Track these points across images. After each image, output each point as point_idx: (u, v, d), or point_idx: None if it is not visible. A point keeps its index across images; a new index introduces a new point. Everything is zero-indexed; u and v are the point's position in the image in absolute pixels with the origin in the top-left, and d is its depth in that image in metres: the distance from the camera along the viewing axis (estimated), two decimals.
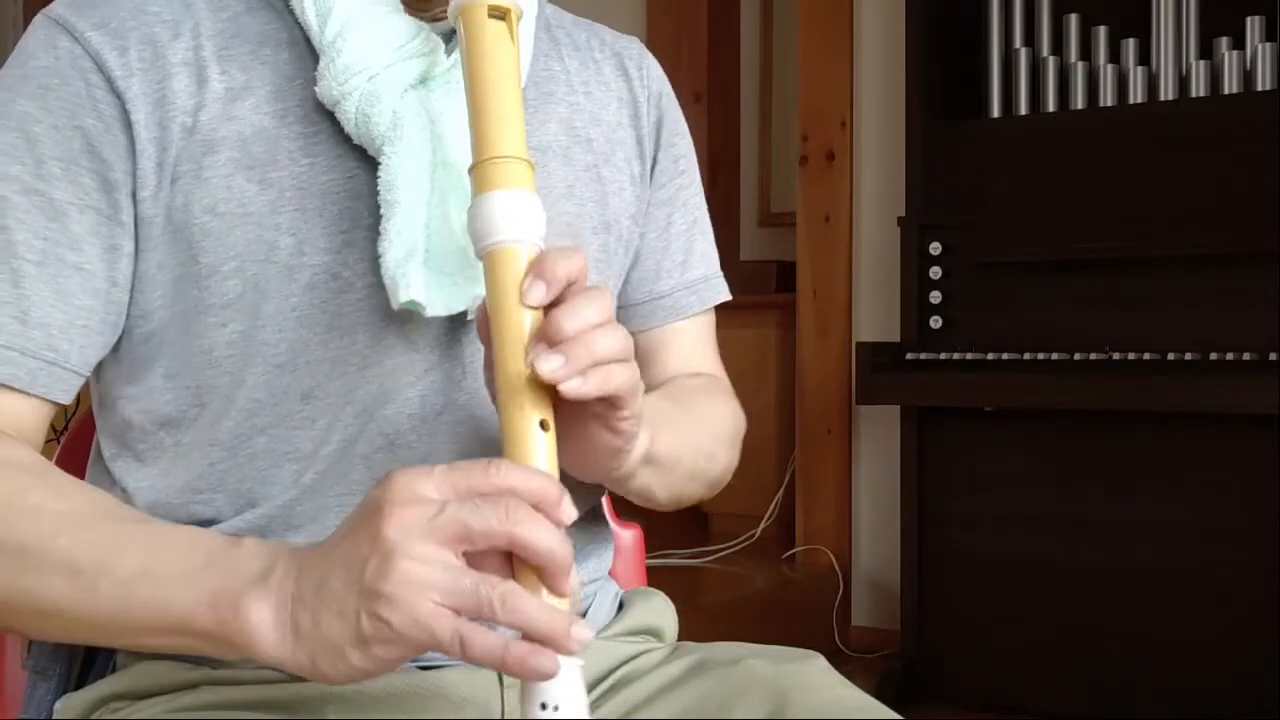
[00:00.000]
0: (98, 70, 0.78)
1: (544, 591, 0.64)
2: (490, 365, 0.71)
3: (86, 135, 0.78)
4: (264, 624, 0.64)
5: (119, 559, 0.69)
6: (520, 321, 0.69)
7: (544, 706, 0.64)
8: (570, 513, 0.65)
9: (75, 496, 0.75)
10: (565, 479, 0.88)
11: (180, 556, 0.69)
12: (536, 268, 0.69)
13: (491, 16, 0.73)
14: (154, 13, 0.80)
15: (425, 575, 0.61)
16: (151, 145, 0.78)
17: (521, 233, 0.70)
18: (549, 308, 0.69)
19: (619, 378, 0.70)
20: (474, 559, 0.63)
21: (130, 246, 0.79)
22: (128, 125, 0.78)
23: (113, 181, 0.78)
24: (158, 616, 0.68)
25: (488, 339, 0.71)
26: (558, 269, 0.69)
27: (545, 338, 0.68)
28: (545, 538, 0.63)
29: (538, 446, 0.68)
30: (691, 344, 1.01)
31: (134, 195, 0.78)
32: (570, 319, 0.68)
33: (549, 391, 0.68)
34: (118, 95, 0.78)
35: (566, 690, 0.64)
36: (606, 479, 0.84)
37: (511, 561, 0.64)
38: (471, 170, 0.72)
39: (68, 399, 0.80)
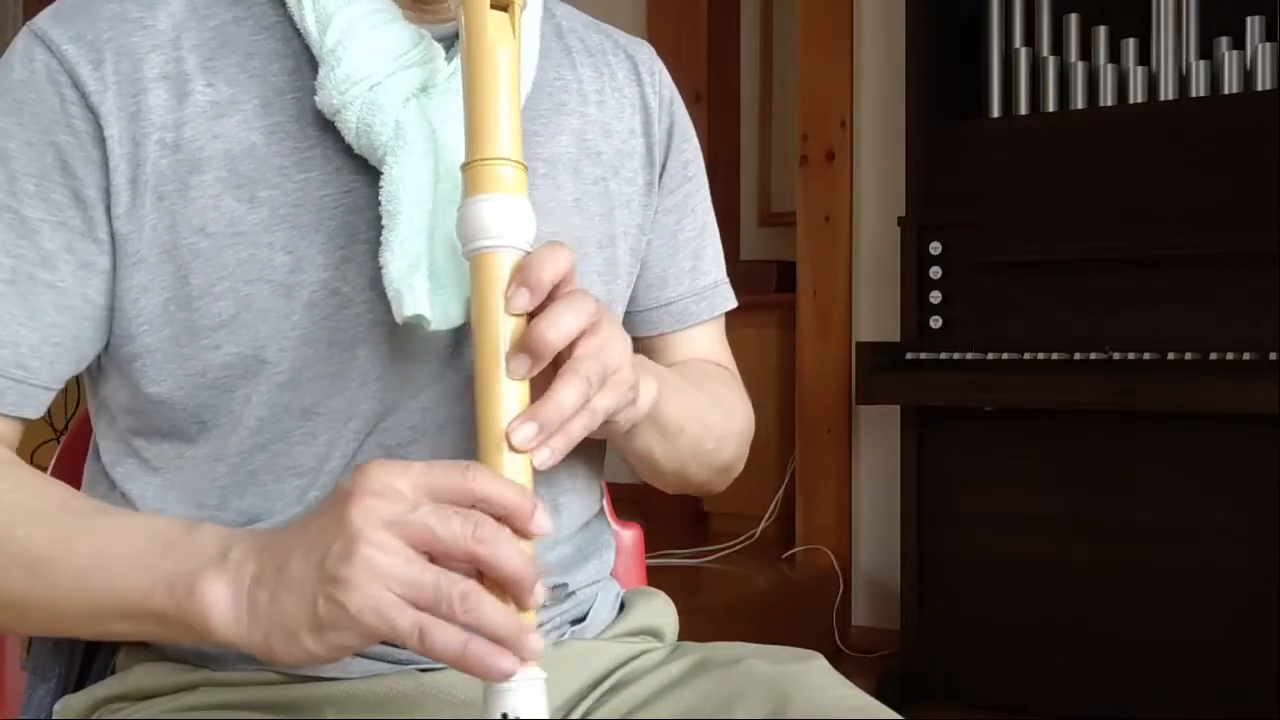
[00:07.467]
0: (72, 85, 0.76)
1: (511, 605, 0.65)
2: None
3: (59, 151, 0.76)
4: (220, 603, 0.65)
5: (76, 547, 0.70)
6: (501, 328, 0.69)
7: (505, 717, 0.64)
8: (544, 525, 0.66)
9: (36, 489, 0.75)
10: (565, 484, 0.88)
11: (137, 541, 0.70)
12: (521, 274, 0.69)
13: (494, 7, 0.72)
14: (135, 20, 0.78)
15: (387, 565, 0.61)
16: (124, 162, 0.77)
17: (509, 238, 0.70)
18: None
19: (578, 428, 0.70)
20: (440, 564, 0.63)
21: (107, 263, 0.78)
22: (101, 141, 0.76)
23: (86, 198, 0.77)
24: (115, 601, 0.69)
25: None
26: (544, 274, 0.69)
27: (526, 348, 0.69)
28: (508, 558, 0.63)
29: (514, 455, 0.68)
30: (701, 348, 1.01)
31: (109, 212, 0.77)
32: (553, 329, 0.69)
33: (527, 399, 0.69)
34: (91, 110, 0.76)
35: (528, 701, 0.64)
36: (610, 437, 0.85)
37: (478, 571, 0.65)
38: (464, 169, 0.71)
39: (37, 414, 0.80)
